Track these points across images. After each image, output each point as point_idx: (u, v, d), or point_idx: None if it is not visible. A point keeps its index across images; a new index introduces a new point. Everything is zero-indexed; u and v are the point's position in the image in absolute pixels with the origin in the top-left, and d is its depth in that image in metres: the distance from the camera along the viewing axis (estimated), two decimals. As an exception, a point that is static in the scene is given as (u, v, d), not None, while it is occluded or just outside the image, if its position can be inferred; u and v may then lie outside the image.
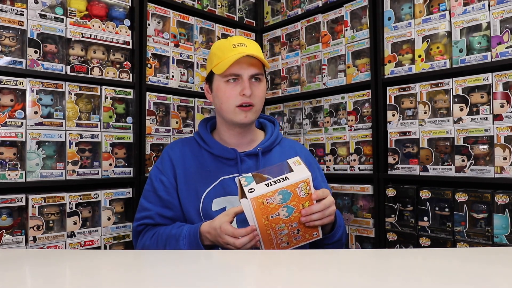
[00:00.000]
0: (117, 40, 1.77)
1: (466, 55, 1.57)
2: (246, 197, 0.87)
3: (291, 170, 0.91)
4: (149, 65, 1.88)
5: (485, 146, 1.52)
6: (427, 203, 1.65)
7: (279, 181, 0.88)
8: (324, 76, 2.06)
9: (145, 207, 1.18)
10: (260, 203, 0.87)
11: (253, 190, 0.87)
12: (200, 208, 1.14)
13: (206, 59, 2.10)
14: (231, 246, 0.94)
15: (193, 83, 2.06)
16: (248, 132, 1.24)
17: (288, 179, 0.88)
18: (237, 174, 1.16)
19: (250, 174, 0.95)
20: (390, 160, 1.78)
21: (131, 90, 1.82)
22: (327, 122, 2.06)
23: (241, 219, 1.02)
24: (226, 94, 1.15)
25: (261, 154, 1.20)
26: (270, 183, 0.88)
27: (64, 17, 1.62)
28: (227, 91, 1.15)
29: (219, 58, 1.15)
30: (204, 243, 1.02)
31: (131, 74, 1.82)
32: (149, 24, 1.89)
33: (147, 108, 1.85)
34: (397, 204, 1.75)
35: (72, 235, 1.60)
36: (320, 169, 1.34)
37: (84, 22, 1.67)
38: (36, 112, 1.54)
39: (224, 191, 1.15)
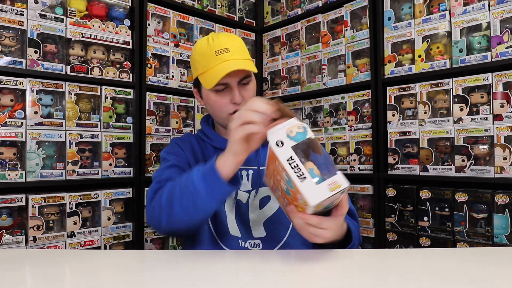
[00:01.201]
0: (117, 40, 1.77)
1: (466, 55, 1.57)
2: (281, 140, 0.75)
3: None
4: (149, 65, 1.88)
5: (485, 146, 1.52)
6: (427, 203, 1.64)
7: (300, 174, 0.72)
8: (324, 76, 2.06)
9: (164, 178, 1.05)
10: (274, 159, 0.77)
11: (282, 144, 0.74)
12: None
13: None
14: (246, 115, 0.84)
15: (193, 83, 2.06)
16: None
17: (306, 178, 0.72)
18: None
19: (310, 135, 0.77)
20: (390, 160, 1.78)
21: (131, 90, 1.82)
22: (327, 122, 2.06)
23: (242, 211, 1.05)
24: (217, 104, 1.12)
25: (261, 146, 1.20)
26: (297, 164, 0.72)
27: (64, 17, 1.62)
28: (218, 100, 1.11)
29: (203, 67, 1.11)
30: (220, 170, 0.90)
31: (131, 74, 1.82)
32: (149, 24, 1.89)
33: (147, 108, 1.85)
34: (397, 204, 1.75)
35: (72, 235, 1.60)
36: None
37: (84, 22, 1.67)
38: (36, 112, 1.54)
39: None
